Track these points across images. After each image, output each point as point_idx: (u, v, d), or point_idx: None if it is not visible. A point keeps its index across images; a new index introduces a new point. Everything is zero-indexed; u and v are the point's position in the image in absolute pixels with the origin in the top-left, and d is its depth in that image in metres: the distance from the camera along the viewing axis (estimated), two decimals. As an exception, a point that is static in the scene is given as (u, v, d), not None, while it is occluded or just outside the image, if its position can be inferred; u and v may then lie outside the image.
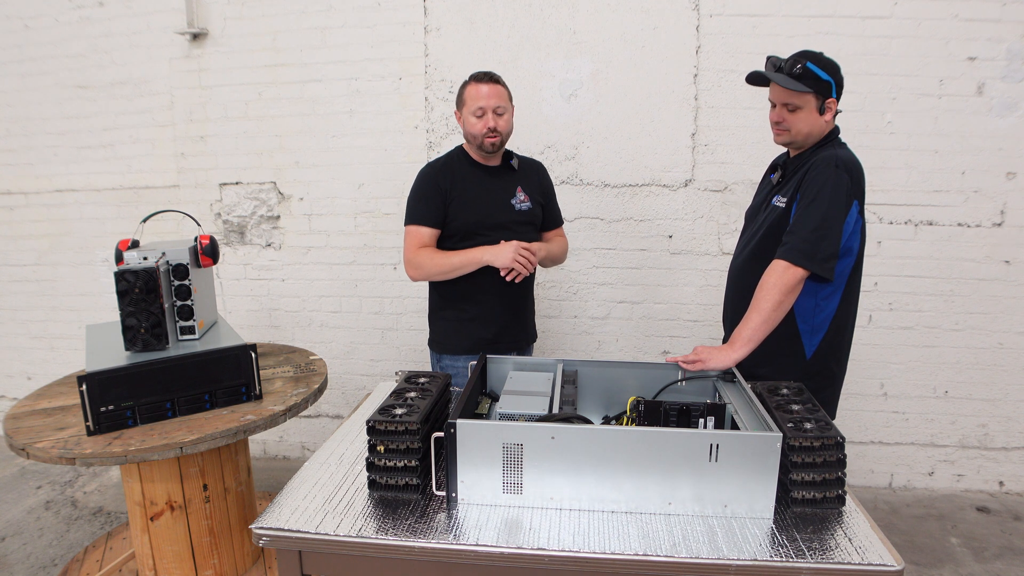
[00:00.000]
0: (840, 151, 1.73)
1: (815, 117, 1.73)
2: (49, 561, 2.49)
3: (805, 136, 1.76)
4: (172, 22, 3.06)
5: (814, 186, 1.66)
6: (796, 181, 1.75)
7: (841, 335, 1.82)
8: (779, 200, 1.79)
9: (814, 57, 1.71)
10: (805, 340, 1.78)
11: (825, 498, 1.27)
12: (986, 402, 2.94)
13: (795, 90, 1.69)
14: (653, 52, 2.82)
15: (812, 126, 1.74)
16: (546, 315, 3.10)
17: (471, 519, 1.24)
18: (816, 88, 1.69)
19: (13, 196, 3.42)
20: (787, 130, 1.76)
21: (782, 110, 1.75)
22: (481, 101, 1.98)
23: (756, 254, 1.84)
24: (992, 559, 2.50)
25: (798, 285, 1.65)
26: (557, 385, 1.54)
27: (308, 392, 2.05)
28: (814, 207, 1.64)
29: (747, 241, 1.92)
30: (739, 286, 1.91)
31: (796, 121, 1.74)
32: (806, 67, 1.68)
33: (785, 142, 1.82)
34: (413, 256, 2.06)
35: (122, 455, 1.66)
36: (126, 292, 1.81)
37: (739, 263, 1.94)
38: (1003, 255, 2.82)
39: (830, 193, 1.64)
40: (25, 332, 3.58)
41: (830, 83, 1.70)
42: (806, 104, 1.71)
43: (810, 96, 1.70)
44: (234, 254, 3.27)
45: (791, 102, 1.72)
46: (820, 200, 1.64)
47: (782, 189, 1.82)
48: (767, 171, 2.01)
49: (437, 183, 2.06)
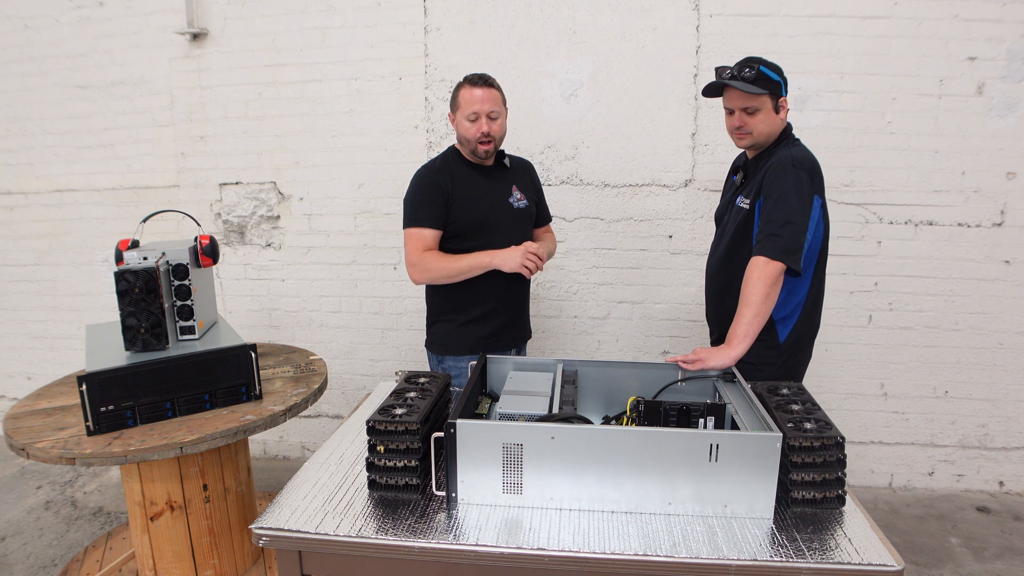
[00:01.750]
0: (794, 150, 1.83)
1: (772, 116, 1.84)
2: (49, 561, 2.49)
3: (767, 136, 1.86)
4: (172, 22, 3.06)
5: (775, 188, 1.76)
6: (758, 182, 1.84)
7: (812, 317, 1.95)
8: (743, 201, 1.90)
9: (761, 61, 1.82)
10: (779, 328, 1.90)
11: (825, 498, 1.27)
12: (986, 402, 2.94)
13: (753, 93, 1.79)
14: (653, 52, 2.82)
15: (771, 125, 1.85)
16: (546, 315, 3.10)
17: (471, 519, 1.24)
18: (770, 89, 1.80)
19: (13, 196, 3.42)
20: (749, 133, 1.86)
21: (741, 115, 1.85)
22: (475, 105, 1.98)
23: (727, 254, 1.95)
24: (992, 559, 2.50)
25: (779, 277, 1.73)
26: (557, 385, 1.54)
27: (308, 392, 2.06)
28: (779, 206, 1.74)
29: (717, 242, 2.04)
30: (715, 285, 2.03)
31: (756, 123, 1.84)
32: (759, 71, 1.79)
33: (748, 145, 1.91)
34: (418, 259, 2.03)
35: (122, 455, 1.66)
36: (126, 292, 1.81)
37: (713, 263, 2.05)
38: (1003, 255, 2.82)
39: (792, 192, 1.74)
40: (25, 332, 3.58)
41: (780, 82, 1.82)
42: (763, 106, 1.82)
43: (766, 97, 1.81)
44: (234, 254, 3.27)
45: (750, 105, 1.82)
46: (783, 199, 1.74)
47: (744, 190, 1.92)
48: (729, 173, 2.13)
49: (438, 184, 2.05)
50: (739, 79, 1.81)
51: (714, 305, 2.07)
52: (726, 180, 2.15)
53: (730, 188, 2.06)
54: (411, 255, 2.05)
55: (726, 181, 2.15)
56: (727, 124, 1.93)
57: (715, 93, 1.92)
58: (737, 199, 1.94)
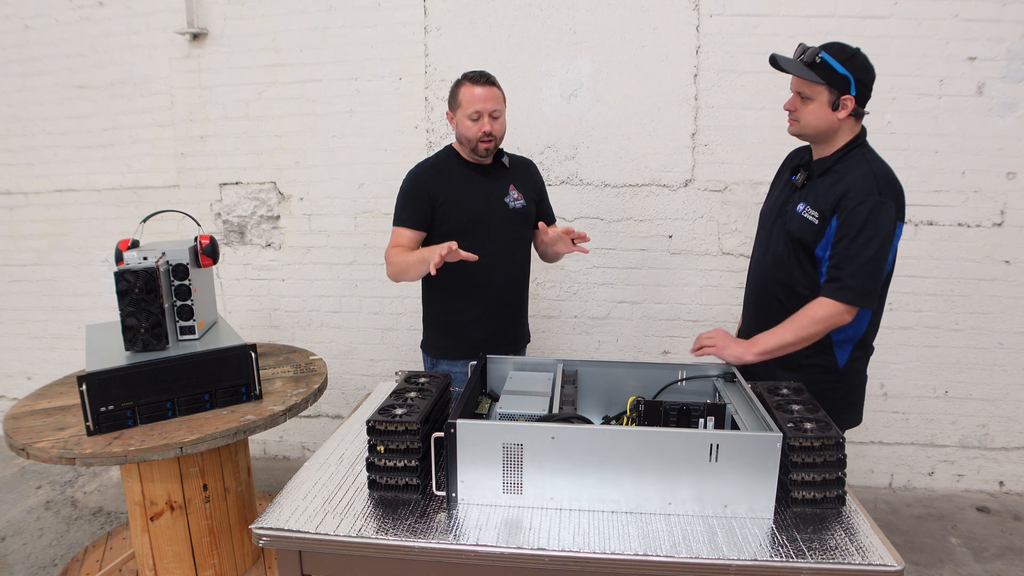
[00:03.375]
0: (876, 167, 1.65)
1: (826, 111, 1.65)
2: (49, 561, 2.49)
3: (814, 130, 1.69)
4: (172, 22, 3.06)
5: (859, 218, 1.60)
6: (833, 198, 1.65)
7: (869, 340, 1.81)
8: (808, 212, 1.71)
9: (837, 49, 1.63)
10: (837, 350, 1.76)
11: (825, 498, 1.27)
12: (986, 402, 2.94)
13: (806, 79, 1.63)
14: (653, 52, 2.82)
15: (821, 120, 1.66)
16: (546, 315, 3.10)
17: (471, 519, 1.24)
18: (830, 81, 1.61)
19: (13, 196, 3.42)
20: (796, 120, 1.71)
21: (795, 99, 1.69)
22: (477, 104, 1.95)
23: (778, 262, 1.80)
24: (992, 559, 2.50)
25: (846, 321, 1.64)
26: (557, 385, 1.54)
27: (308, 392, 2.05)
28: (862, 243, 1.60)
29: (767, 245, 1.85)
30: (763, 291, 1.87)
31: (805, 112, 1.68)
32: (822, 57, 1.61)
33: (795, 132, 1.75)
34: (387, 254, 2.05)
35: (122, 455, 1.66)
36: (126, 292, 1.81)
37: (763, 269, 1.87)
38: (1003, 255, 2.82)
39: (878, 226, 1.59)
40: (25, 332, 3.57)
41: (847, 78, 1.61)
42: (817, 96, 1.64)
43: (822, 88, 1.63)
44: (234, 254, 3.27)
45: (803, 91, 1.66)
46: (866, 234, 1.59)
47: (809, 196, 1.73)
48: (785, 169, 1.92)
49: (423, 186, 2.04)
50: (798, 59, 1.64)
51: (756, 310, 1.90)
52: (779, 175, 1.94)
53: (786, 187, 1.84)
54: (385, 251, 2.07)
55: (780, 176, 1.93)
56: (785, 103, 1.76)
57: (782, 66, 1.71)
58: (799, 206, 1.74)
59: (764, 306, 1.85)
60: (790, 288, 1.77)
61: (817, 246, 1.69)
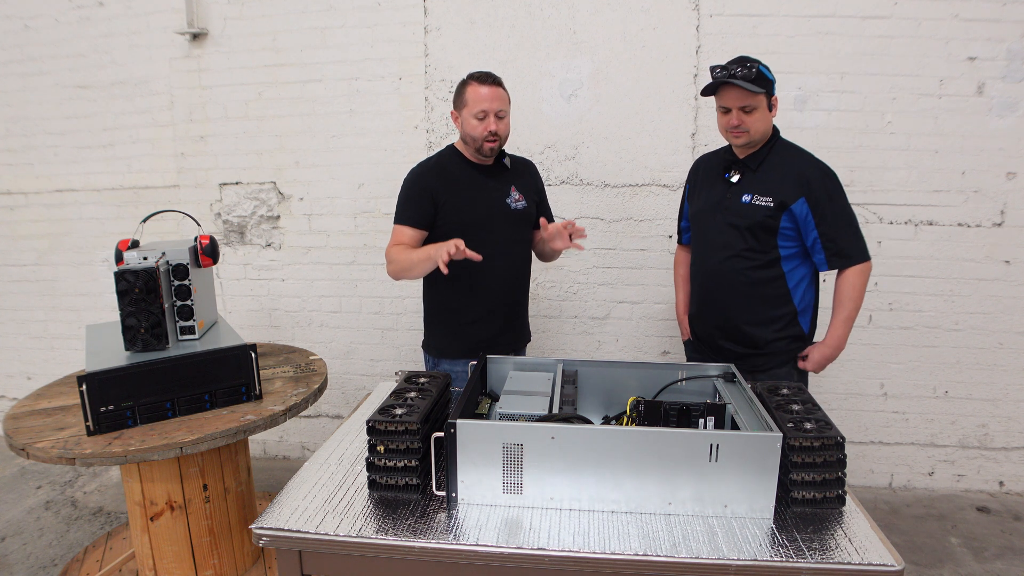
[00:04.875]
0: (802, 150, 1.95)
1: (767, 115, 1.88)
2: (49, 561, 2.49)
3: (761, 135, 1.91)
4: (172, 22, 3.06)
5: (826, 192, 1.88)
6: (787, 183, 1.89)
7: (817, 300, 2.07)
8: (757, 199, 1.91)
9: (755, 60, 1.85)
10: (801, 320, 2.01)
11: (825, 498, 1.27)
12: (986, 402, 2.94)
13: (755, 92, 1.81)
14: (653, 52, 2.82)
15: (766, 124, 1.90)
16: (546, 315, 3.10)
17: (471, 519, 1.24)
18: (766, 88, 1.84)
19: (13, 196, 3.42)
20: (746, 132, 1.88)
21: (739, 114, 1.86)
22: (484, 104, 1.96)
23: (742, 252, 1.96)
24: (992, 559, 2.50)
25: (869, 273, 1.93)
26: (557, 385, 1.54)
27: (308, 392, 2.05)
28: (839, 210, 1.89)
29: (724, 240, 1.99)
30: (724, 285, 2.02)
31: (754, 121, 1.87)
32: (759, 70, 1.82)
33: (744, 143, 1.93)
34: (388, 252, 2.05)
35: (122, 455, 1.66)
36: (126, 292, 1.81)
37: (709, 261, 2.04)
38: (1003, 255, 2.82)
39: (841, 191, 1.90)
40: (25, 332, 3.58)
41: (773, 81, 1.88)
42: (760, 104, 1.85)
43: (763, 96, 1.84)
44: (234, 254, 3.27)
45: (749, 104, 1.84)
46: (838, 202, 1.89)
47: (752, 188, 1.94)
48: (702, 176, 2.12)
49: (426, 184, 2.04)
50: (740, 78, 1.82)
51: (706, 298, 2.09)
52: (697, 182, 2.13)
53: (717, 187, 2.02)
54: (386, 250, 2.07)
55: (698, 183, 2.13)
56: (720, 123, 1.94)
57: (713, 92, 1.93)
58: (744, 197, 1.93)
59: (711, 290, 2.07)
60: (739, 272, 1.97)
61: (780, 223, 1.91)
